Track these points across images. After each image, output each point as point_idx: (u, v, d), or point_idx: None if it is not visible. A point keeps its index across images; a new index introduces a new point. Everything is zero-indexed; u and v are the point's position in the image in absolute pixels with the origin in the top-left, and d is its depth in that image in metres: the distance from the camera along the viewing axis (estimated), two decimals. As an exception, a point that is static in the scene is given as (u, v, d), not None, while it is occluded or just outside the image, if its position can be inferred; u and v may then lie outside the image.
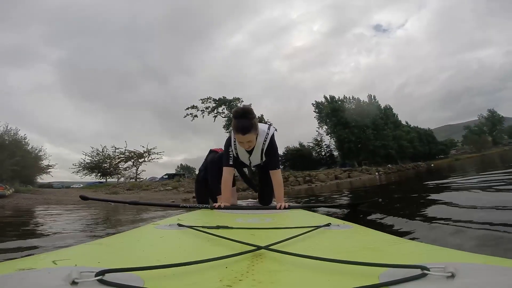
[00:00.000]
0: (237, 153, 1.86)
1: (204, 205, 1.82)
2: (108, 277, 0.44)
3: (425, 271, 0.44)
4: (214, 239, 0.79)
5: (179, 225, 0.99)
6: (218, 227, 0.95)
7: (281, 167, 1.95)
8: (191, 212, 1.73)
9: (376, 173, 27.53)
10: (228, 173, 1.87)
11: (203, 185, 3.20)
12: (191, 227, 0.94)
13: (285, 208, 1.67)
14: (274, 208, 1.72)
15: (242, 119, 1.60)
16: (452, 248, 0.68)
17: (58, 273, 0.45)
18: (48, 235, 2.50)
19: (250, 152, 1.83)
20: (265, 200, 2.12)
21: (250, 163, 1.93)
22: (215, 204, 1.72)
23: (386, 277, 0.46)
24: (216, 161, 2.96)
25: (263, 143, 1.77)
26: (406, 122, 49.18)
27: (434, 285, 0.43)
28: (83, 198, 2.00)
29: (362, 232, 1.01)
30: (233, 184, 2.29)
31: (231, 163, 1.86)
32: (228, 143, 1.87)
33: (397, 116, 46.42)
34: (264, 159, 1.84)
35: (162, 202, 1.92)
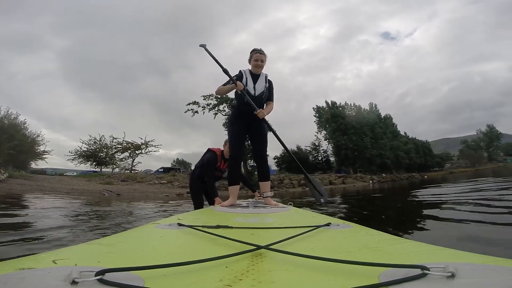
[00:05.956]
0: (246, 83, 2.26)
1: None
2: (108, 276, 0.44)
3: (425, 271, 0.45)
4: (214, 238, 0.79)
5: (179, 224, 0.99)
6: (218, 227, 0.95)
7: (276, 168, 2.01)
8: (191, 211, 1.73)
9: (370, 181, 27.83)
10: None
11: (198, 182, 3.26)
12: (191, 226, 0.94)
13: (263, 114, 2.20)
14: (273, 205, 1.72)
15: (260, 51, 2.31)
16: (452, 248, 0.68)
17: (58, 272, 0.45)
18: (45, 237, 2.49)
19: (255, 81, 2.28)
20: (260, 152, 2.38)
21: (255, 92, 2.29)
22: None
23: (386, 277, 0.46)
24: (212, 163, 3.01)
25: (266, 75, 2.36)
26: (405, 133, 49.84)
27: (434, 285, 0.43)
28: (203, 45, 2.36)
29: (362, 232, 1.01)
30: (238, 183, 2.31)
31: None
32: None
33: (396, 126, 46.81)
34: (267, 85, 2.34)
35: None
